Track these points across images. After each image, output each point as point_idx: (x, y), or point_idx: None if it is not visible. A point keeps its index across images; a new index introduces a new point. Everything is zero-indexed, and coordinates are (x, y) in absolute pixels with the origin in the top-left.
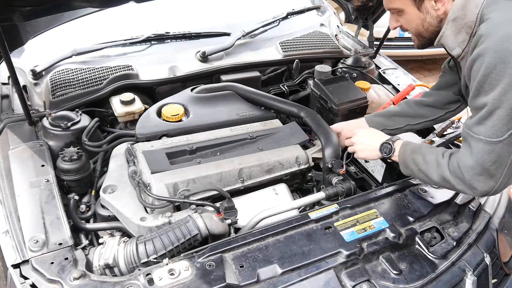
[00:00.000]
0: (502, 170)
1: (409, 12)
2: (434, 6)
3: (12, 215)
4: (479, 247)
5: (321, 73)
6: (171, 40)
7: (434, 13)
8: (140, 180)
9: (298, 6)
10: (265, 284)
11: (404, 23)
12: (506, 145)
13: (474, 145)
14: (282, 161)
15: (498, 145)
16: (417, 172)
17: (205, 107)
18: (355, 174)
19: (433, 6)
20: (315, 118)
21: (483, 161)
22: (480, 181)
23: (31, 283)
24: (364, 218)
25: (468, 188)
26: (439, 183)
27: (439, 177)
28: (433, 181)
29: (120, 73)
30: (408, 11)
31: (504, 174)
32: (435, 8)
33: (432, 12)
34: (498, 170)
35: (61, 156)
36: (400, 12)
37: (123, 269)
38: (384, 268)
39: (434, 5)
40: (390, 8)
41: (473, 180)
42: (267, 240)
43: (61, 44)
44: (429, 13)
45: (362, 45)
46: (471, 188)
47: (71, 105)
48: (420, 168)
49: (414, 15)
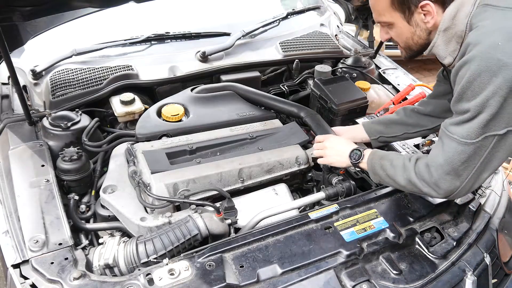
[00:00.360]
0: (469, 172)
1: (399, 25)
2: (423, 19)
3: (12, 215)
4: (479, 247)
5: (321, 73)
6: (171, 40)
7: (423, 26)
8: (140, 180)
9: (298, 6)
10: (265, 284)
11: (394, 36)
12: (478, 148)
13: (447, 144)
14: (282, 161)
15: (470, 146)
16: (385, 177)
17: (205, 107)
18: (355, 174)
19: (422, 19)
20: (315, 118)
21: (453, 160)
22: (446, 180)
23: (31, 283)
24: (364, 218)
25: (433, 188)
26: (406, 187)
27: (405, 181)
28: (400, 185)
29: (120, 73)
30: (398, 24)
31: (470, 176)
32: (424, 21)
33: (421, 25)
34: (465, 171)
35: (61, 156)
36: (390, 25)
37: (123, 269)
38: (384, 268)
39: (424, 18)
40: (380, 22)
41: (440, 178)
42: (267, 240)
43: (61, 44)
44: (419, 26)
45: (362, 45)
46: (436, 187)
47: (71, 105)
48: (388, 173)
49: (404, 29)
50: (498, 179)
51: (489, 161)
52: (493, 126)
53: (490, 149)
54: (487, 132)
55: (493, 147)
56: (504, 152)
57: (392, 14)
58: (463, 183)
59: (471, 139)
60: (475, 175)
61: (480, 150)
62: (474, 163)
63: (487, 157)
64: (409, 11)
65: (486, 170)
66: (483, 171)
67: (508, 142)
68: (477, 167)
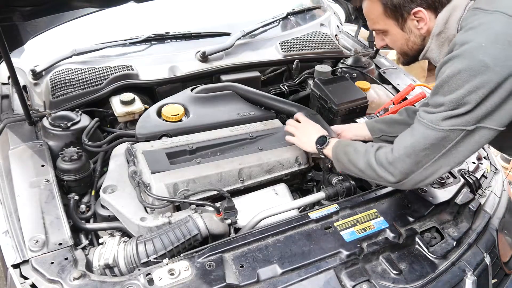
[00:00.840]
0: (428, 161)
1: (393, 32)
2: (417, 25)
3: (12, 215)
4: (479, 247)
5: (321, 73)
6: (171, 40)
7: (417, 32)
8: (140, 180)
9: (298, 6)
10: (265, 284)
11: (389, 43)
12: (443, 137)
13: (416, 128)
14: (282, 161)
15: (436, 133)
16: (347, 163)
17: (205, 107)
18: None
19: (416, 25)
20: (315, 118)
21: (418, 144)
22: (405, 162)
23: (31, 283)
24: (364, 218)
25: (389, 170)
26: (365, 172)
27: (364, 164)
28: (359, 168)
29: (120, 73)
30: (392, 31)
31: (428, 165)
32: (418, 27)
33: (415, 31)
34: (425, 158)
35: (61, 156)
36: (385, 32)
37: (123, 269)
38: (384, 268)
39: (417, 24)
40: (375, 29)
41: (399, 158)
42: (267, 240)
43: (61, 44)
44: (413, 32)
45: (362, 45)
46: (392, 168)
47: (71, 105)
48: (350, 158)
49: (398, 35)
50: (498, 179)
51: (451, 154)
52: (463, 121)
53: (455, 142)
54: (455, 125)
55: (458, 141)
56: (468, 148)
57: (386, 22)
58: (419, 170)
59: (439, 126)
60: (434, 166)
61: (445, 140)
62: (436, 152)
63: (450, 150)
64: (402, 18)
65: (445, 164)
66: (443, 164)
67: (474, 139)
68: (438, 157)
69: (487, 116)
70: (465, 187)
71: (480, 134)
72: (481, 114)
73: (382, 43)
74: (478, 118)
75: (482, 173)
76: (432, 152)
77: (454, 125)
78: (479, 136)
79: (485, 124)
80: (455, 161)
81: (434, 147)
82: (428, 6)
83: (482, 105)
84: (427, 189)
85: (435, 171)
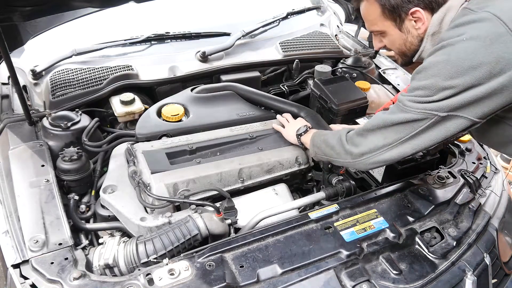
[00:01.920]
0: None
1: (391, 33)
2: (414, 25)
3: (12, 215)
4: (479, 247)
5: (321, 73)
6: (171, 40)
7: (415, 32)
8: (140, 180)
9: (298, 6)
10: (265, 284)
11: (388, 44)
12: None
13: (392, 108)
14: (282, 161)
15: (408, 114)
16: (321, 143)
17: (205, 107)
18: (355, 174)
19: (413, 26)
20: (315, 118)
21: (389, 122)
22: (375, 135)
23: (31, 283)
24: (364, 218)
25: (355, 145)
26: (334, 146)
27: (336, 140)
28: (331, 145)
29: (120, 73)
30: (390, 32)
31: (393, 145)
32: (415, 27)
33: (413, 31)
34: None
35: (61, 156)
36: (383, 33)
37: (123, 269)
38: (384, 268)
39: (415, 24)
40: (373, 31)
41: (369, 130)
42: (267, 240)
43: (61, 44)
44: (410, 32)
45: (362, 45)
46: (357, 142)
47: (71, 105)
48: (324, 138)
49: (396, 36)
50: (498, 179)
51: (419, 138)
52: (436, 106)
53: (425, 127)
54: (428, 110)
55: (429, 126)
56: (438, 134)
57: (384, 23)
58: (385, 148)
59: (411, 107)
60: (400, 145)
61: (415, 123)
62: (405, 133)
63: (419, 134)
64: (400, 19)
65: (411, 148)
66: (409, 147)
67: (446, 126)
68: (406, 138)
69: (463, 106)
70: (465, 187)
71: (454, 122)
72: (456, 104)
73: (381, 44)
74: (452, 107)
75: (482, 173)
76: (401, 132)
77: (427, 109)
78: (453, 124)
79: (460, 113)
80: (421, 145)
81: (404, 127)
82: (425, 6)
83: (458, 96)
84: (427, 189)
85: (400, 152)
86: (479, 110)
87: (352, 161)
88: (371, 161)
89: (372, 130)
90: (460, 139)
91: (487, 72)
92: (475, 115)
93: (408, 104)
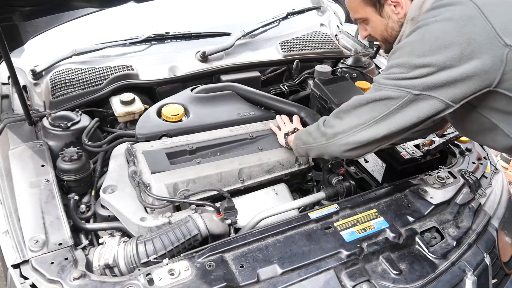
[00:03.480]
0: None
1: (373, 19)
2: (394, 10)
3: (12, 215)
4: (479, 247)
5: (321, 73)
6: (171, 40)
7: (395, 17)
8: (140, 180)
9: (298, 6)
10: (265, 284)
11: (371, 31)
12: (387, 95)
13: (369, 90)
14: (282, 161)
15: (382, 91)
16: (302, 134)
17: (205, 107)
18: (355, 174)
19: (393, 10)
20: (315, 118)
21: (364, 99)
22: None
23: (31, 283)
24: (364, 218)
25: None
26: (312, 132)
27: (314, 126)
28: (309, 132)
29: (120, 73)
30: (372, 18)
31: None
32: (395, 12)
33: (393, 16)
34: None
35: (61, 156)
36: (366, 20)
37: (123, 269)
38: (384, 268)
39: (394, 9)
40: (356, 18)
41: (342, 112)
42: (267, 240)
43: (61, 44)
44: (391, 18)
45: (362, 45)
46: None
47: (71, 105)
48: (306, 129)
49: (377, 22)
50: (498, 179)
51: (393, 117)
52: (410, 84)
53: (398, 105)
54: (402, 87)
55: (402, 105)
56: (410, 115)
57: (365, 9)
58: (359, 127)
59: (385, 84)
60: (374, 125)
61: (389, 101)
62: (379, 111)
63: (392, 113)
64: (379, 4)
65: (385, 128)
66: (383, 127)
67: (418, 107)
68: (380, 118)
69: (436, 87)
70: (465, 187)
71: (427, 103)
72: (429, 83)
73: (365, 33)
74: (425, 86)
75: (482, 173)
76: (375, 110)
77: (400, 85)
78: (426, 105)
79: (433, 94)
80: (396, 126)
81: (378, 105)
82: None
83: (431, 76)
84: (427, 189)
85: (375, 133)
86: (451, 92)
87: (326, 142)
88: (343, 142)
89: (347, 111)
90: (460, 139)
91: (458, 53)
92: (447, 97)
93: (382, 81)
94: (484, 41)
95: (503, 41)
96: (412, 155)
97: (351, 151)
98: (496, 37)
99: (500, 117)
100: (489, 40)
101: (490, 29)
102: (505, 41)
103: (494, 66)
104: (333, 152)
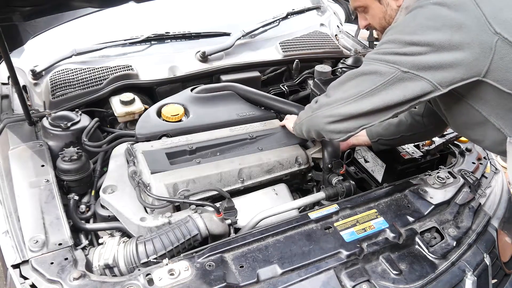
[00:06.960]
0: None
1: (372, 6)
2: None
3: (12, 215)
4: (479, 247)
5: (321, 73)
6: (171, 40)
7: (394, 5)
8: (140, 180)
9: (298, 6)
10: (265, 284)
11: (370, 20)
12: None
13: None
14: (282, 161)
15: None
16: (302, 115)
17: (205, 107)
18: (355, 174)
19: None
20: None
21: (352, 73)
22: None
23: (31, 283)
24: (364, 218)
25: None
26: (307, 110)
27: (308, 105)
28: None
29: (120, 73)
30: (371, 5)
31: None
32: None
33: (392, 4)
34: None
35: (61, 156)
36: (366, 8)
37: (123, 269)
38: (384, 268)
39: None
40: (356, 7)
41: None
42: (267, 240)
43: (61, 44)
44: (390, 5)
45: (362, 45)
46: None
47: (71, 105)
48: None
49: (376, 9)
50: (498, 179)
51: (378, 94)
52: (398, 60)
53: (385, 81)
54: (391, 62)
55: (389, 82)
56: (396, 93)
57: None
58: (344, 101)
59: (374, 59)
60: (359, 100)
61: (376, 76)
62: (365, 86)
63: (378, 89)
64: None
65: (370, 104)
66: (367, 103)
67: (405, 86)
68: (365, 93)
69: (425, 68)
70: (465, 187)
71: (414, 83)
72: (417, 63)
73: (365, 22)
74: (414, 65)
75: (482, 173)
76: (361, 85)
77: (389, 61)
78: (413, 85)
79: (422, 74)
80: (381, 103)
81: (365, 80)
82: None
83: (420, 56)
84: (427, 189)
85: (359, 107)
86: (440, 75)
87: (311, 114)
88: (327, 113)
89: (335, 86)
90: (460, 139)
91: (448, 36)
92: (435, 79)
93: (371, 56)
94: (474, 27)
95: (493, 29)
96: (412, 155)
97: (334, 123)
98: (486, 24)
99: (491, 110)
100: (479, 26)
101: (481, 16)
102: (495, 29)
103: (483, 53)
104: (317, 125)
